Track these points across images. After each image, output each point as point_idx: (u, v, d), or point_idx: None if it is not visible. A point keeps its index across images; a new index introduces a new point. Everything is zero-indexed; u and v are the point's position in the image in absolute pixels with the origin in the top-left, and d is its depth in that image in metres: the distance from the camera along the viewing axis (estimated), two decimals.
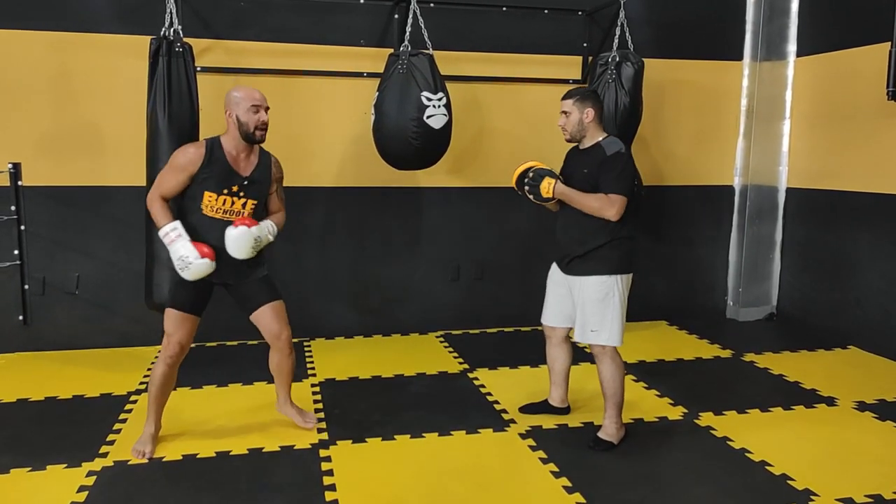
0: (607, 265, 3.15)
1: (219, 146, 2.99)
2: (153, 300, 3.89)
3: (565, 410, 3.61)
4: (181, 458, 3.10)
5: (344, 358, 4.49)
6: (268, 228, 3.08)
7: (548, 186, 3.15)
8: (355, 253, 4.94)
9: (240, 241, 2.93)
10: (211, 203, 2.97)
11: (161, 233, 2.91)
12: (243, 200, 3.02)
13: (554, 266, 3.41)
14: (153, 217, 2.96)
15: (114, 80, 4.41)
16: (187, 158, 2.94)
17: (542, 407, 3.63)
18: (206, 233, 2.96)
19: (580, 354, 4.24)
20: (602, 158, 3.13)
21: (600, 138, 3.20)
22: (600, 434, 3.30)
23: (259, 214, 3.10)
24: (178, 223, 2.91)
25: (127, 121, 4.40)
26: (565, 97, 3.22)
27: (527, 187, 3.24)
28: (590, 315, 3.18)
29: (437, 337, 5.01)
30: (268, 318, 3.16)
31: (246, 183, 3.02)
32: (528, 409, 3.64)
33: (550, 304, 3.44)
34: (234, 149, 3.00)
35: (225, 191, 2.97)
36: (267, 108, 3.01)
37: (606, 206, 3.07)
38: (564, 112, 3.20)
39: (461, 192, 5.07)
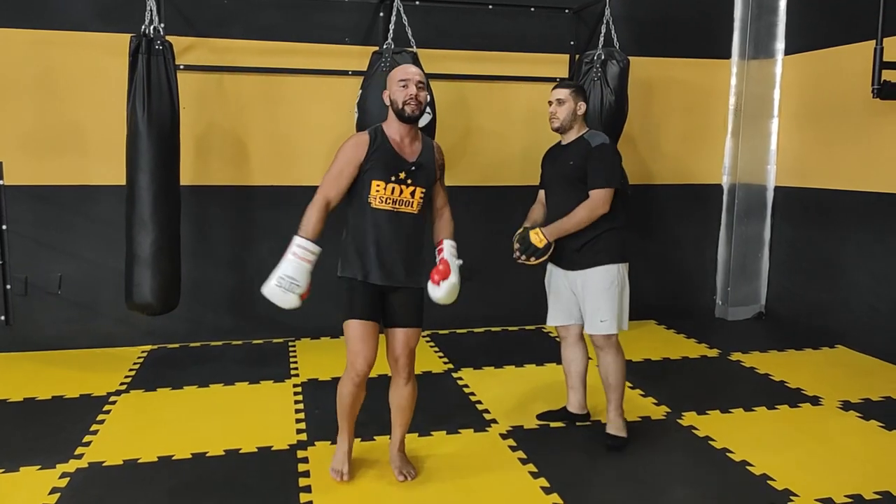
0: (608, 255, 3.15)
1: (382, 133, 2.84)
2: (133, 301, 3.87)
3: (585, 417, 3.50)
4: (156, 459, 3.07)
5: (328, 358, 4.46)
6: (453, 253, 2.99)
7: (537, 237, 3.13)
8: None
9: (448, 293, 2.92)
10: (379, 193, 2.78)
11: (296, 241, 2.69)
12: (412, 188, 2.83)
13: (550, 266, 3.37)
14: (303, 221, 2.74)
15: (96, 79, 4.38)
16: (354, 145, 2.79)
17: (561, 414, 3.53)
18: (378, 227, 2.81)
19: None
20: (588, 150, 3.15)
21: (584, 132, 3.23)
22: (611, 431, 3.27)
23: (425, 207, 2.94)
24: (318, 250, 2.73)
25: (109, 120, 4.37)
26: (560, 87, 3.24)
27: (518, 252, 3.17)
28: (598, 305, 3.16)
29: (424, 337, 4.98)
30: (397, 341, 2.91)
31: (413, 168, 2.83)
32: (545, 416, 3.55)
33: (553, 304, 3.38)
34: (396, 134, 2.83)
35: (392, 178, 2.79)
36: (419, 84, 2.77)
37: (596, 206, 3.09)
38: (559, 100, 3.19)
39: (448, 192, 5.01)
